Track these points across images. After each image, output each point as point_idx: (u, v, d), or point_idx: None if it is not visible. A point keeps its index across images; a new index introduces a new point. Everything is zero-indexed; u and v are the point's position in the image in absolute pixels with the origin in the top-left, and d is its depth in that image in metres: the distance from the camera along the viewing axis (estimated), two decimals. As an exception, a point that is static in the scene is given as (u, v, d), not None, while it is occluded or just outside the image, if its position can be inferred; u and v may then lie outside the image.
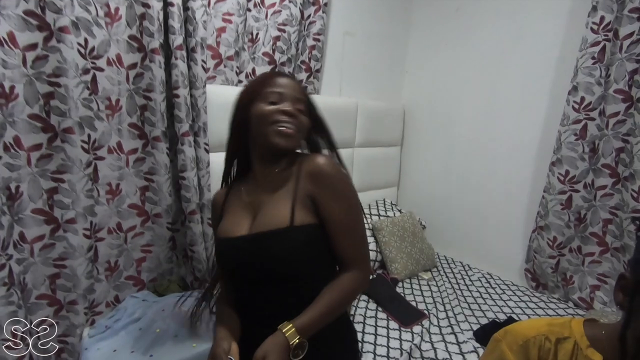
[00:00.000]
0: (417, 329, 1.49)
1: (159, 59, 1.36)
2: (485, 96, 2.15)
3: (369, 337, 1.41)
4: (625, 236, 1.63)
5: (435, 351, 1.34)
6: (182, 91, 1.41)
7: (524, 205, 2.00)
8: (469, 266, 2.20)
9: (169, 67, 1.40)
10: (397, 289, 1.80)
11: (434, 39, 2.42)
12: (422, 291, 1.85)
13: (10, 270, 1.13)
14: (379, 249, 1.96)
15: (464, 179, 2.31)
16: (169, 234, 1.57)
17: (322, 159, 0.78)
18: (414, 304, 1.69)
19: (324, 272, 0.80)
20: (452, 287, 1.92)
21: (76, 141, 1.24)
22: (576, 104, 1.68)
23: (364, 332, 1.44)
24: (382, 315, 1.57)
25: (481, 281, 2.00)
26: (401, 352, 1.34)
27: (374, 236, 2.00)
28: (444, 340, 1.42)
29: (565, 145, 1.73)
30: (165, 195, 1.49)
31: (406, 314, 1.57)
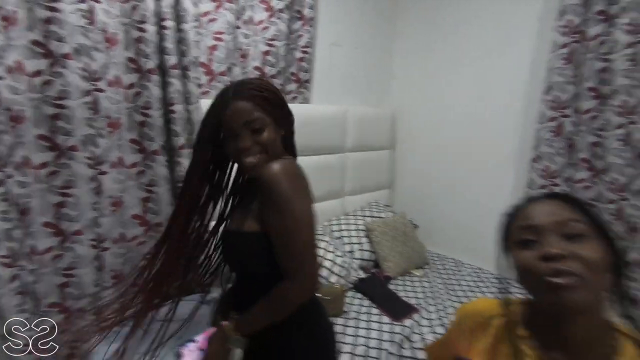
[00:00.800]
0: (407, 322, 1.57)
1: (156, 78, 1.46)
2: (468, 99, 2.26)
3: (362, 331, 1.49)
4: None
5: (424, 342, 1.42)
6: (178, 107, 1.51)
7: (510, 201, 2.08)
8: (461, 262, 2.28)
9: (165, 85, 1.51)
10: (389, 286, 1.88)
11: (419, 47, 2.53)
12: (414, 287, 1.93)
13: (22, 279, 1.22)
14: (372, 249, 2.05)
15: (453, 179, 2.40)
16: (170, 241, 1.66)
17: (269, 169, 0.78)
18: (406, 299, 1.77)
19: (276, 276, 0.81)
20: (444, 282, 2.00)
21: (80, 157, 1.34)
22: (551, 102, 1.78)
23: (357, 327, 1.52)
24: (375, 311, 1.65)
25: (472, 276, 2.08)
26: (391, 343, 1.42)
27: (368, 236, 2.08)
28: (434, 332, 1.50)
29: (543, 142, 1.82)
30: (165, 205, 1.58)
31: (397, 309, 1.65)
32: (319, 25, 2.18)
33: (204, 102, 1.62)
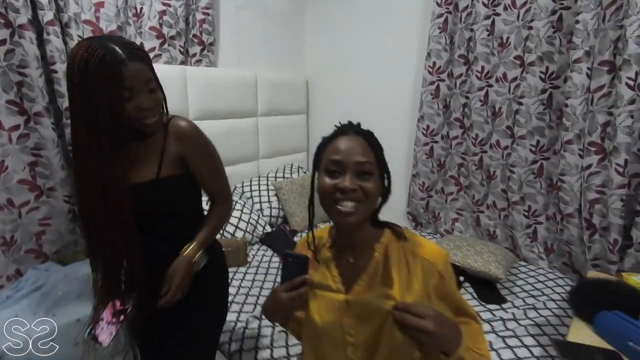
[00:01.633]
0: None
1: (29, 34, 1.39)
2: (369, 65, 2.42)
3: (260, 276, 1.66)
4: (470, 176, 2.03)
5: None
6: (60, 66, 1.46)
7: (404, 158, 2.34)
8: (366, 215, 2.53)
9: (42, 42, 1.44)
10: (294, 239, 2.06)
11: (327, 14, 2.62)
12: (317, 238, 2.12)
13: None
14: (280, 206, 2.20)
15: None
16: (67, 206, 1.64)
17: (183, 122, 0.95)
18: (308, 248, 1.96)
19: (192, 211, 1.03)
20: (346, 232, 2.22)
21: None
22: (430, 68, 2.00)
23: (256, 273, 1.68)
24: (276, 259, 1.82)
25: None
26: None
27: (276, 195, 2.22)
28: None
29: (425, 104, 2.06)
30: (56, 169, 1.56)
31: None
32: (222, -15, 2.16)
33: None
